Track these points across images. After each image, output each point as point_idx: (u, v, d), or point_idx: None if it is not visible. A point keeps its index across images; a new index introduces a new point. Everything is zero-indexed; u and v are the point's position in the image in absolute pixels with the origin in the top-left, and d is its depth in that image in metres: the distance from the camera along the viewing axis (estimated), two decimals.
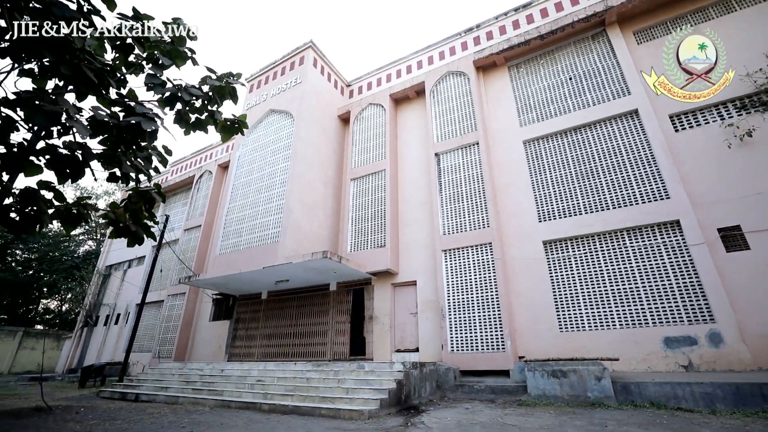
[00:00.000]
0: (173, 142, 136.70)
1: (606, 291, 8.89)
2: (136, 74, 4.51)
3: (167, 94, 4.33)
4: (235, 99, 4.78)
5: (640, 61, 10.52)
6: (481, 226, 10.56)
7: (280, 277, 12.08)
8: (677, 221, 8.56)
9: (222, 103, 4.76)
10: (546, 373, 7.29)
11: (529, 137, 11.29)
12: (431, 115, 13.04)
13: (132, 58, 4.43)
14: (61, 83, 3.97)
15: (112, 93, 4.32)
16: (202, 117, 4.73)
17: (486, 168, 11.07)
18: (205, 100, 4.66)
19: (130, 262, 22.42)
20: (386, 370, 8.09)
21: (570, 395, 6.94)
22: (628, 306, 8.54)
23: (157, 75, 4.37)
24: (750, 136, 8.53)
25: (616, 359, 7.57)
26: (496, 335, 9.31)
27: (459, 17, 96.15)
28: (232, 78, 4.72)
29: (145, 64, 4.49)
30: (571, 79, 11.44)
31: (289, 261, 10.82)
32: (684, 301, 8.05)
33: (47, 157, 3.70)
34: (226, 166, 18.85)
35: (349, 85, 16.82)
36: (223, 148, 19.81)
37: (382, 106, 14.56)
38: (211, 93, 4.65)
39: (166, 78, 4.44)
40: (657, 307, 8.25)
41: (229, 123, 4.82)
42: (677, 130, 9.55)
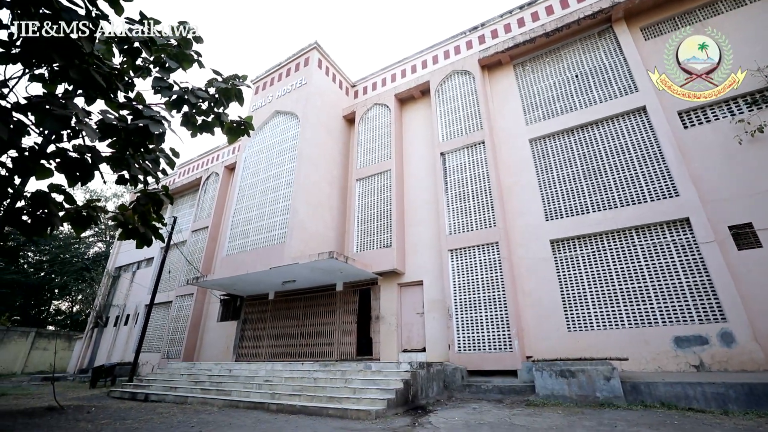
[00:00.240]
0: (180, 145, 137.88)
1: (614, 290, 8.79)
2: (144, 78, 4.57)
3: (174, 96, 4.38)
4: (241, 101, 4.82)
5: (648, 58, 10.38)
6: (488, 226, 10.51)
7: (286, 277, 12.14)
8: (687, 219, 8.44)
9: (228, 105, 4.81)
10: (554, 373, 7.23)
11: (536, 135, 11.21)
12: (436, 115, 13.00)
13: (139, 62, 4.50)
14: (71, 87, 4.03)
15: (121, 96, 4.38)
16: (209, 119, 4.78)
17: (492, 167, 11.02)
18: (212, 103, 4.71)
19: (139, 264, 22.66)
20: (393, 370, 8.09)
21: (578, 395, 6.87)
22: (637, 305, 8.43)
23: (164, 78, 4.42)
24: (761, 131, 8.37)
25: (626, 359, 7.47)
26: (504, 335, 9.25)
27: (464, 16, 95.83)
28: (238, 80, 4.76)
29: (152, 67, 4.55)
30: (577, 76, 11.33)
31: (296, 261, 10.87)
32: (694, 300, 7.93)
33: (58, 160, 3.77)
34: (232, 168, 19.00)
35: (354, 86, 16.85)
36: (229, 150, 19.95)
37: (387, 106, 14.56)
38: (217, 95, 4.70)
39: (173, 81, 4.49)
40: (667, 306, 8.14)
41: (235, 125, 4.86)
42: (686, 127, 9.41)
